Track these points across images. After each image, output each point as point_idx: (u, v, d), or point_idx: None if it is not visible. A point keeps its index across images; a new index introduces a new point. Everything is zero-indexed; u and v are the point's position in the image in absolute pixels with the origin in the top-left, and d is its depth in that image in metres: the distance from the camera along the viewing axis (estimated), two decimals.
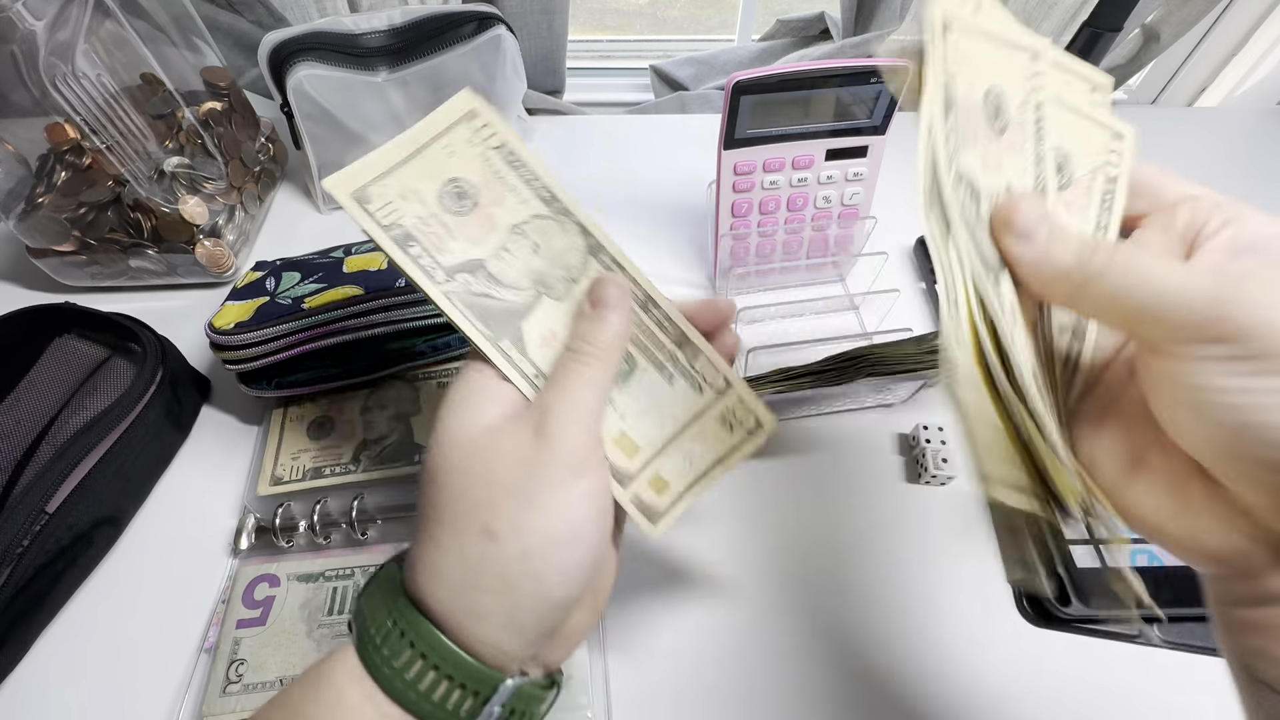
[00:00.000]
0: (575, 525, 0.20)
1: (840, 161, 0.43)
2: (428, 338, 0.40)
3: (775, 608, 0.35)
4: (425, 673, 0.19)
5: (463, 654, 0.19)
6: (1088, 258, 0.18)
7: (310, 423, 0.39)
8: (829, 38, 0.72)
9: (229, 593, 0.34)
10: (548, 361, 0.23)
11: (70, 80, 0.39)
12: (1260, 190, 0.59)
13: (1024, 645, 0.33)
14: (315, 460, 0.38)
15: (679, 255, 0.51)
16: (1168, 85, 0.72)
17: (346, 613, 0.33)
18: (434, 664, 0.19)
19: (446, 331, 0.40)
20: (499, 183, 0.24)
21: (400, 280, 0.39)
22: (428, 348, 0.41)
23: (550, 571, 0.20)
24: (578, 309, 0.24)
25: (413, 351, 0.40)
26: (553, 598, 0.20)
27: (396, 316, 0.39)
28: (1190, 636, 0.33)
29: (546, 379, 0.23)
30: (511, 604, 0.20)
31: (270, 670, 0.31)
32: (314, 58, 0.48)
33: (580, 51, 0.84)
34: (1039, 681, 0.32)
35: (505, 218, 0.24)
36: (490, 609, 0.19)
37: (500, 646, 0.20)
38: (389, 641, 0.20)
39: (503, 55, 0.53)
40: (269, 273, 0.42)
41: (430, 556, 0.20)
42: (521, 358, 0.23)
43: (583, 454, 0.21)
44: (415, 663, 0.19)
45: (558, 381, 0.22)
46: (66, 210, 0.45)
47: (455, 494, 0.20)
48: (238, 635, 0.32)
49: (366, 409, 0.40)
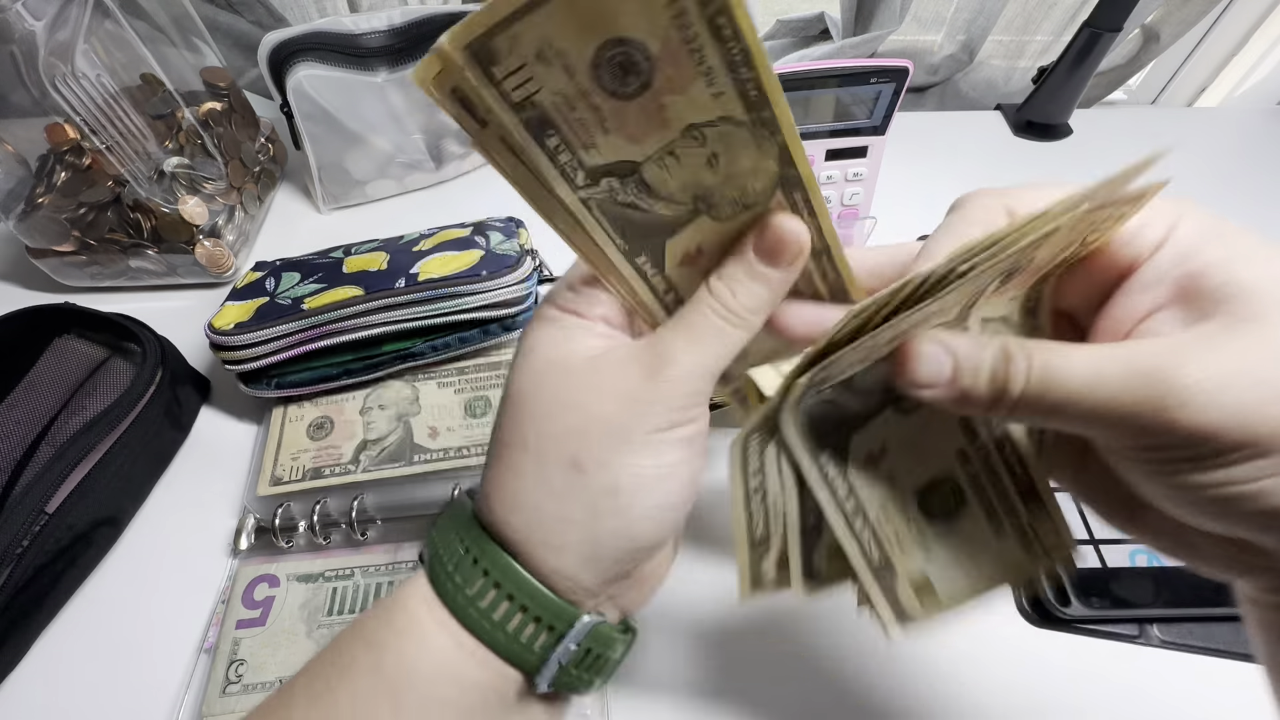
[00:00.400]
0: (671, 467, 0.19)
1: (840, 161, 0.43)
2: (428, 338, 0.40)
3: (773, 607, 0.35)
4: (499, 603, 0.18)
5: (539, 585, 0.18)
6: (1000, 384, 0.16)
7: (310, 423, 0.39)
8: (829, 38, 0.72)
9: (229, 593, 0.34)
10: (685, 281, 0.19)
11: (70, 80, 0.40)
12: (1260, 190, 0.59)
13: (1024, 645, 0.33)
14: (315, 460, 0.37)
15: None
16: (1168, 85, 0.72)
17: (347, 613, 0.33)
18: (508, 593, 0.18)
19: (446, 331, 0.40)
20: (689, 59, 0.15)
21: (399, 281, 0.39)
22: (427, 348, 0.40)
23: (637, 509, 0.18)
24: (737, 233, 0.19)
25: (412, 352, 0.40)
26: (637, 536, 0.19)
27: (397, 316, 0.39)
28: (1190, 636, 0.32)
29: (675, 310, 0.20)
30: (593, 538, 0.18)
31: (270, 671, 0.31)
32: (314, 58, 0.48)
33: None
34: (1039, 681, 0.32)
35: (683, 112, 0.16)
36: (570, 541, 0.18)
37: (577, 581, 0.19)
38: (461, 569, 0.19)
39: None
40: (269, 273, 0.42)
41: (508, 483, 0.19)
42: (655, 273, 0.19)
43: (693, 403, 0.19)
44: (489, 592, 0.18)
45: (689, 330, 0.19)
46: (66, 210, 0.45)
47: (544, 419, 0.19)
48: (237, 635, 0.32)
49: (366, 409, 0.40)
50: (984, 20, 0.65)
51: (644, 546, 0.19)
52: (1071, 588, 0.33)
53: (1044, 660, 0.33)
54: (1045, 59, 0.68)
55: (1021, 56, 0.70)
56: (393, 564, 0.35)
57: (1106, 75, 0.69)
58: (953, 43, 0.68)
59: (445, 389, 0.40)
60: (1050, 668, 0.32)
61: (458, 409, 0.39)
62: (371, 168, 0.55)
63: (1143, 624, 0.33)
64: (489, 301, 0.39)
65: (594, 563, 0.18)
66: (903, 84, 0.39)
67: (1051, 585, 0.33)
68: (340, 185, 0.55)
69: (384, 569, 0.35)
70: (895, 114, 0.41)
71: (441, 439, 0.38)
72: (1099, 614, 0.33)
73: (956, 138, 0.65)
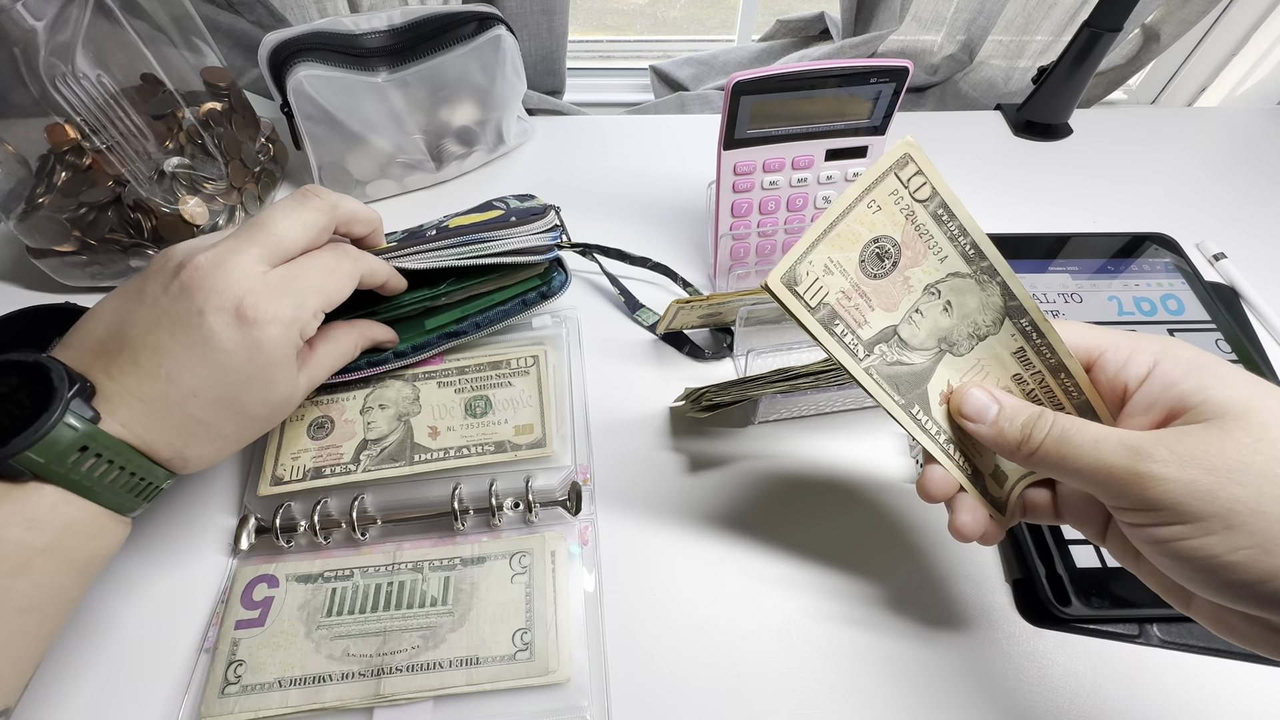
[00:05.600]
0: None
1: (840, 161, 0.43)
2: (471, 312, 0.40)
3: (774, 607, 0.35)
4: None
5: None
6: (1028, 433, 0.22)
7: (311, 422, 0.39)
8: (829, 38, 0.72)
9: (228, 593, 0.34)
10: (947, 420, 0.24)
11: (70, 80, 0.40)
12: (1260, 190, 0.59)
13: (1024, 645, 0.33)
14: (315, 460, 0.37)
15: (678, 255, 0.51)
16: (1168, 85, 0.72)
17: (346, 614, 0.33)
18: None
19: (480, 284, 0.40)
20: (920, 241, 0.23)
21: (431, 231, 0.39)
22: (471, 325, 0.40)
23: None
24: (977, 366, 0.24)
25: (458, 331, 0.40)
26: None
27: (431, 258, 0.37)
28: (1190, 636, 0.33)
29: (957, 450, 0.25)
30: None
31: (269, 671, 0.31)
32: (314, 58, 0.48)
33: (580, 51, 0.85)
34: (1039, 681, 0.32)
35: (921, 278, 0.23)
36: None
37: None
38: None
39: (503, 55, 0.53)
40: None
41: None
42: (929, 419, 0.24)
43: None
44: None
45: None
46: (66, 210, 0.45)
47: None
48: (236, 636, 0.32)
49: (367, 408, 0.39)
50: (984, 20, 0.65)
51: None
52: (1071, 586, 0.33)
53: (1044, 660, 0.33)
54: (1045, 59, 0.68)
55: (1021, 56, 0.70)
56: (393, 564, 0.35)
57: (1106, 75, 0.69)
58: (953, 43, 0.68)
59: (446, 388, 0.40)
60: (1050, 668, 0.32)
61: (458, 408, 0.39)
62: (372, 168, 0.55)
63: (1143, 624, 0.33)
64: (521, 247, 0.38)
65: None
66: (903, 84, 0.39)
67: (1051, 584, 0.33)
68: (340, 185, 0.55)
69: (384, 569, 0.35)
70: (895, 114, 0.41)
71: (442, 438, 0.38)
72: (1099, 614, 0.33)
73: (956, 138, 0.65)
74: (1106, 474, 0.20)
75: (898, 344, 0.23)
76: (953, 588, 0.35)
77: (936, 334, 0.23)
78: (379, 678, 0.31)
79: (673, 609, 0.35)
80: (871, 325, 0.23)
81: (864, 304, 0.22)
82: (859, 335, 0.22)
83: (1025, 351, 0.24)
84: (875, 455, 0.40)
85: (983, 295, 0.23)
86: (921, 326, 0.23)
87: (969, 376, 0.24)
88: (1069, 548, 0.34)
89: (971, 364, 0.24)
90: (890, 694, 0.32)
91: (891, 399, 0.23)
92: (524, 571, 0.34)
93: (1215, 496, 0.18)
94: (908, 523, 0.38)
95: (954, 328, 0.24)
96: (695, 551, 0.37)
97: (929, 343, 0.23)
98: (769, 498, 0.39)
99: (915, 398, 0.24)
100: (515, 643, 0.32)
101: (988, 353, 0.24)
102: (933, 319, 0.23)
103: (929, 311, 0.23)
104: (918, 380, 0.24)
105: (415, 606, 0.33)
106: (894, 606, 0.35)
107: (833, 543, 0.37)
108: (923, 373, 0.24)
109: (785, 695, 0.32)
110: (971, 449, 0.25)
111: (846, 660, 0.33)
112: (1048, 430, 0.22)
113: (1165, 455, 0.19)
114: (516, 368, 0.41)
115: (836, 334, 0.22)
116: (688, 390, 0.38)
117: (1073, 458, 0.21)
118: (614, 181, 0.59)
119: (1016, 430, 0.22)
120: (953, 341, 0.24)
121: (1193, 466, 0.18)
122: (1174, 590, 0.22)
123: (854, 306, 0.22)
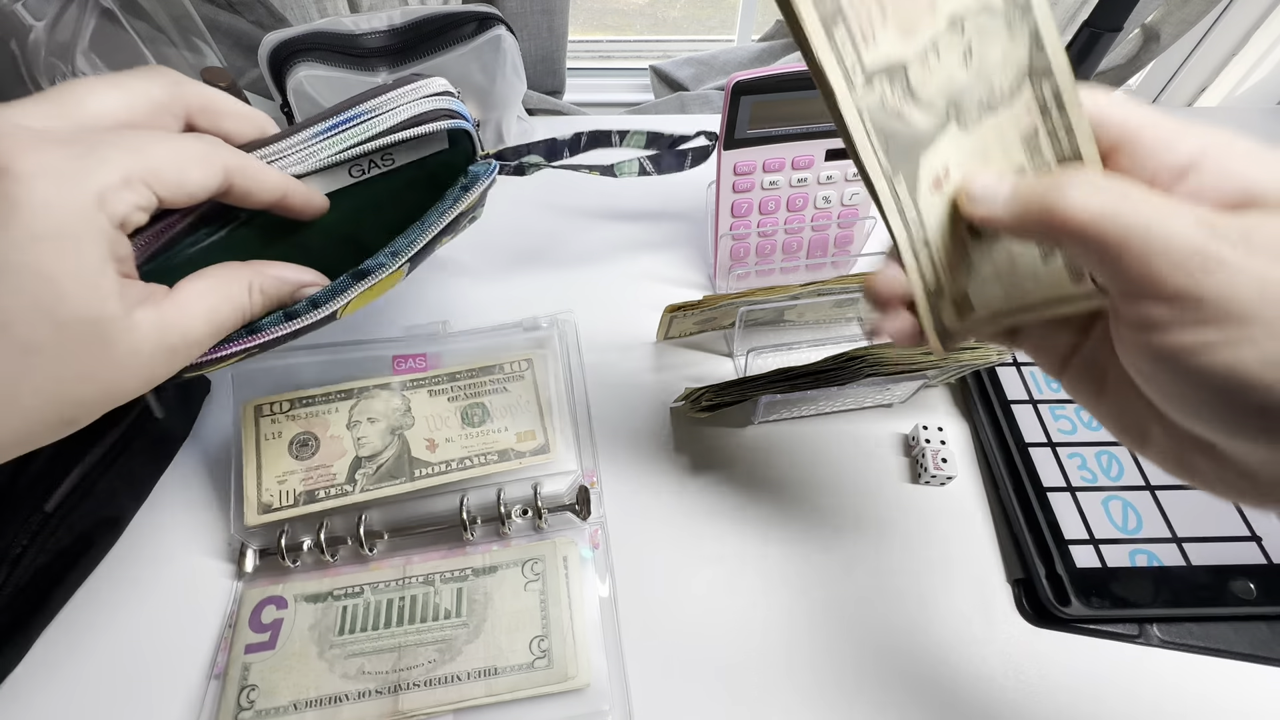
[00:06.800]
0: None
1: (840, 161, 0.43)
2: (380, 233, 0.30)
3: (775, 607, 0.35)
4: None
5: None
6: (1042, 190, 0.18)
7: (291, 440, 0.37)
8: None
9: (235, 617, 0.33)
10: (932, 215, 0.20)
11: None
12: None
13: (1024, 645, 0.33)
14: (305, 483, 0.35)
15: (678, 255, 0.51)
16: (1168, 85, 0.72)
17: (359, 632, 0.33)
18: None
19: (382, 193, 0.31)
20: None
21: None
22: (386, 255, 0.29)
23: None
24: (980, 150, 0.20)
25: (370, 267, 0.29)
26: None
27: (299, 154, 0.29)
28: (1190, 636, 0.33)
29: (929, 251, 0.21)
30: None
31: (283, 695, 0.31)
32: (314, 58, 0.48)
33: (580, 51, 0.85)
34: (1039, 681, 0.32)
35: (948, 2, 0.19)
36: None
37: None
38: None
39: (503, 55, 0.53)
40: None
41: None
42: (909, 202, 0.20)
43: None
44: None
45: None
46: None
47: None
48: (247, 660, 0.32)
49: (354, 422, 0.38)
50: None
51: None
52: (1071, 586, 0.33)
53: (1044, 660, 0.33)
54: None
55: None
56: (403, 578, 0.34)
57: (1106, 75, 0.69)
58: None
59: (438, 397, 0.39)
60: (1050, 668, 0.32)
61: (454, 418, 0.38)
62: None
63: (1143, 624, 0.33)
64: (414, 114, 0.30)
65: None
66: None
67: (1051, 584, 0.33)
68: None
69: (394, 584, 0.34)
70: None
71: (441, 451, 0.37)
72: (1099, 614, 0.33)
73: None
74: (1164, 246, 0.16)
75: (903, 90, 0.19)
76: (953, 587, 0.35)
77: (948, 92, 0.20)
78: (396, 694, 0.31)
79: (687, 609, 0.35)
80: (879, 46, 0.18)
81: (877, 9, 0.18)
82: (861, 56, 0.18)
83: (1037, 136, 0.20)
84: (875, 456, 0.40)
85: (1009, 44, 0.19)
86: (934, 75, 0.19)
87: (970, 163, 0.21)
88: (1069, 548, 0.34)
89: (975, 147, 0.20)
90: (890, 693, 0.32)
91: (877, 160, 0.19)
92: (537, 578, 0.34)
93: (1198, 280, 0.15)
94: (908, 523, 0.38)
95: (968, 88, 0.20)
96: (695, 549, 0.37)
97: (938, 100, 0.20)
98: (768, 498, 0.39)
99: (904, 170, 0.20)
100: (533, 650, 0.32)
101: (994, 134, 0.20)
102: (948, 69, 0.19)
103: (947, 55, 0.19)
104: (913, 147, 0.20)
105: (429, 620, 0.33)
106: (894, 606, 0.35)
107: (833, 543, 0.37)
108: (921, 139, 0.20)
109: (793, 693, 0.32)
110: (945, 261, 0.22)
111: (847, 660, 0.33)
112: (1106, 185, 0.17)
113: (1237, 238, 0.15)
114: (510, 372, 0.40)
115: (835, 42, 0.18)
116: (688, 390, 0.38)
117: (1136, 223, 0.16)
118: (614, 181, 0.58)
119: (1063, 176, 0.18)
120: (962, 108, 0.20)
121: (1266, 256, 0.15)
122: (1131, 428, 0.20)
123: (865, 10, 0.18)
